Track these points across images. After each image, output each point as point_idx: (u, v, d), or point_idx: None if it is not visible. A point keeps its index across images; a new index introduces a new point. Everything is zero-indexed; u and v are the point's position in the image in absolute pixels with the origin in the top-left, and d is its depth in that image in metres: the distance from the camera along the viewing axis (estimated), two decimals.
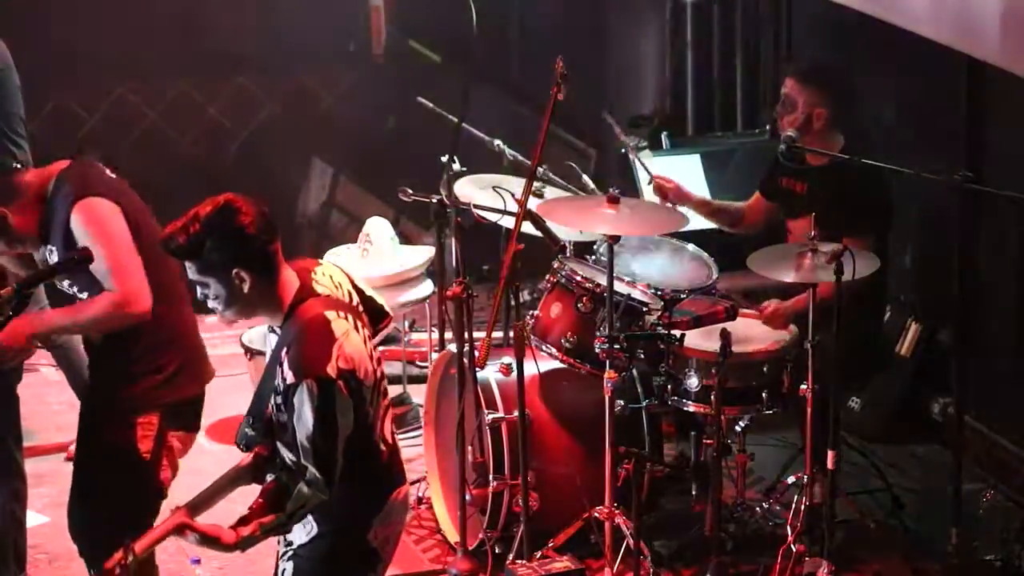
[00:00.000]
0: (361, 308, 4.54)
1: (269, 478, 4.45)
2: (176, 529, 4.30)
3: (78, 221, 5.06)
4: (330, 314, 4.35)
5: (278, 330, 4.40)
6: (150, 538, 4.34)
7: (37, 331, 5.22)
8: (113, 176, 5.27)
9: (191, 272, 4.37)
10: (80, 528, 5.37)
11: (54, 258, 5.14)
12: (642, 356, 6.24)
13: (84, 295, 5.16)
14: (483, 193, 6.59)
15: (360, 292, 4.59)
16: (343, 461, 4.31)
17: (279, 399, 4.34)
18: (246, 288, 4.32)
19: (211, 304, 4.40)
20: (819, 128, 6.49)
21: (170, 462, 5.26)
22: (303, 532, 4.47)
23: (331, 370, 4.27)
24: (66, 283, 5.21)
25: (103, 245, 5.04)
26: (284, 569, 4.51)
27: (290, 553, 4.50)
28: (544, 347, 6.26)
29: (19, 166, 5.50)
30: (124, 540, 5.27)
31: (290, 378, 4.27)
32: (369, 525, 4.47)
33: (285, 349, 4.31)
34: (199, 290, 4.40)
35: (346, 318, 4.38)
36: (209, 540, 4.27)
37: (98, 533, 5.29)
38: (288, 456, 4.38)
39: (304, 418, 4.26)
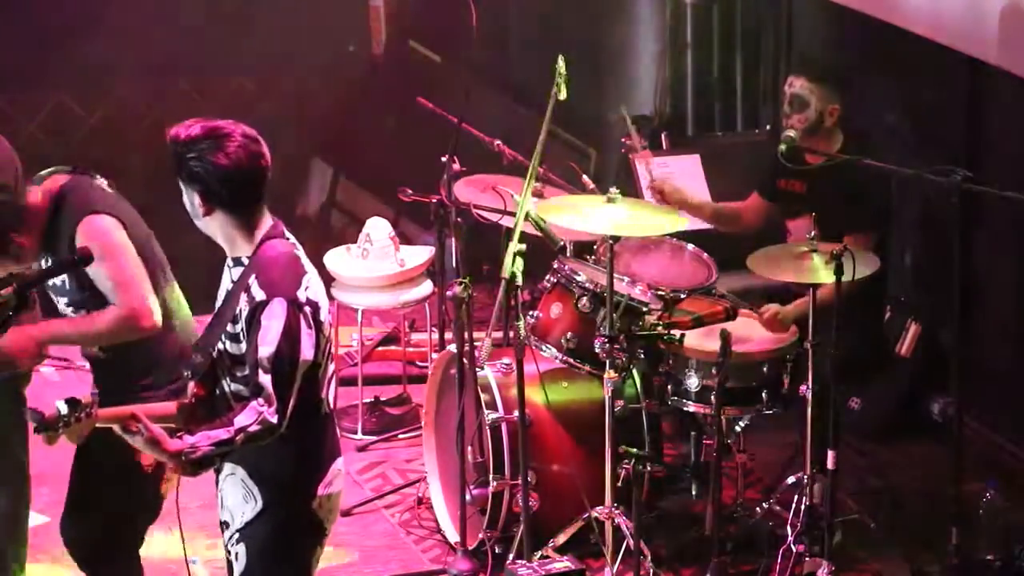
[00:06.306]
0: None
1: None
2: (128, 416, 4.24)
3: (82, 239, 5.05)
4: (299, 253, 4.46)
5: (245, 260, 4.42)
6: (106, 412, 4.30)
7: (43, 339, 5.19)
8: (111, 191, 5.26)
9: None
10: (77, 535, 5.36)
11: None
12: (642, 356, 6.25)
13: (72, 311, 5.16)
14: (483, 194, 6.60)
15: None
16: (295, 402, 4.32)
17: (240, 324, 4.37)
18: (204, 210, 4.39)
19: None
20: (829, 126, 6.50)
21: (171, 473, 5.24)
22: (248, 510, 4.47)
23: (301, 295, 4.35)
24: (62, 302, 5.21)
25: (108, 259, 5.03)
26: (236, 553, 4.52)
27: (237, 536, 4.51)
28: (544, 347, 6.26)
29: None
30: (121, 549, 5.29)
31: (260, 296, 4.32)
32: (313, 494, 4.47)
33: (254, 275, 4.36)
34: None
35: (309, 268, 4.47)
36: (153, 442, 4.24)
37: (96, 541, 5.28)
38: (233, 388, 4.42)
39: (271, 335, 4.29)
